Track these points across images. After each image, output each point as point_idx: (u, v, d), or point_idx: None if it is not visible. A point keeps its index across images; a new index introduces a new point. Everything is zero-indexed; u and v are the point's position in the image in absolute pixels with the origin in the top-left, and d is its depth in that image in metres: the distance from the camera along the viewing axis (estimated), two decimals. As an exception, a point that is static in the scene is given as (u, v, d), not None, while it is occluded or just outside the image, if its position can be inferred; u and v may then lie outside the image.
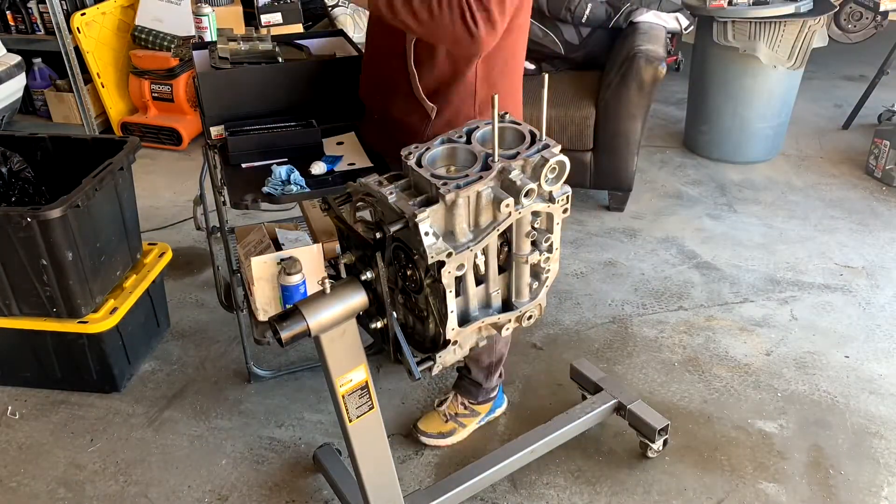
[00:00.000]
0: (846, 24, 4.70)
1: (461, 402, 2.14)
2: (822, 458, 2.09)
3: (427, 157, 1.27)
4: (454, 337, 1.30)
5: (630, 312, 2.68)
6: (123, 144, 2.30)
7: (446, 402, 2.16)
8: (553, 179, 1.27)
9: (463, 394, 2.14)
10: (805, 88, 3.87)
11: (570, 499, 1.98)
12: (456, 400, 2.15)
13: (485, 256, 1.30)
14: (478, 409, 2.15)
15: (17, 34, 3.91)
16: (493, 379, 2.11)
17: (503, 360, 2.10)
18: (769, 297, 2.76)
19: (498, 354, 2.06)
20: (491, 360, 2.06)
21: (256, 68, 1.90)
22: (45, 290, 2.11)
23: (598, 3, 3.33)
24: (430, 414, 2.17)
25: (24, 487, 2.04)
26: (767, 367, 2.41)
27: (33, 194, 2.38)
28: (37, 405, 2.31)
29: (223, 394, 2.35)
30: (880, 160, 3.53)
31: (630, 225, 3.23)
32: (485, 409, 2.17)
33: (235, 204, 1.70)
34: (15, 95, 3.53)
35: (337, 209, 1.37)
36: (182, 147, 3.97)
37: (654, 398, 2.29)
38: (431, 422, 2.15)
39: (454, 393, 2.16)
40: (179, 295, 2.80)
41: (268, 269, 1.85)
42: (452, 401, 2.15)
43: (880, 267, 2.92)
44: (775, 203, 3.41)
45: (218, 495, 2.01)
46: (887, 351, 2.48)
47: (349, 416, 1.49)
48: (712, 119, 3.72)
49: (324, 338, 1.37)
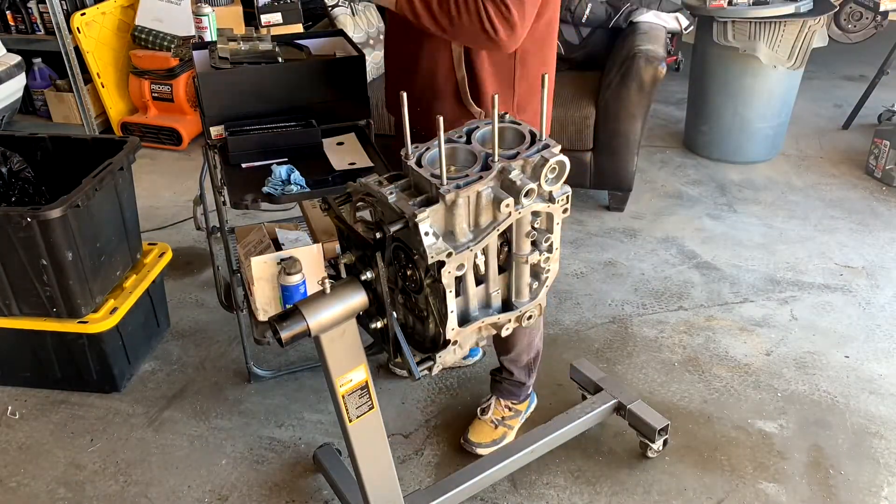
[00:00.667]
0: (846, 24, 4.70)
1: (505, 406, 2.14)
2: (822, 458, 2.09)
3: (427, 157, 1.27)
4: (454, 337, 1.30)
5: (630, 312, 2.68)
6: (123, 144, 2.30)
7: (489, 408, 2.14)
8: (553, 179, 1.27)
9: (506, 397, 2.14)
10: (805, 88, 3.87)
11: (570, 499, 1.98)
12: (500, 404, 2.14)
13: (485, 256, 1.30)
14: (520, 407, 2.17)
15: (17, 34, 3.91)
16: (534, 375, 2.14)
17: (540, 354, 2.11)
18: (769, 297, 2.76)
19: (535, 350, 2.08)
20: (530, 358, 2.08)
21: (256, 68, 1.90)
22: (45, 290, 2.11)
23: (598, 3, 3.33)
24: (477, 424, 2.14)
25: (24, 487, 2.04)
26: (767, 367, 2.41)
27: (33, 194, 2.38)
28: (37, 405, 2.31)
29: (223, 394, 2.35)
30: (880, 160, 3.53)
31: (630, 225, 3.23)
32: (525, 405, 2.18)
33: (235, 204, 1.70)
34: (15, 95, 3.53)
35: (337, 209, 1.37)
36: (182, 147, 3.97)
37: (654, 398, 2.29)
38: (481, 431, 2.12)
39: (495, 398, 2.15)
40: (179, 295, 2.80)
41: (268, 269, 1.85)
42: (496, 406, 2.14)
43: (880, 267, 2.92)
44: (775, 203, 3.41)
45: (218, 495, 2.01)
46: (887, 351, 2.48)
47: (349, 416, 1.49)
48: (712, 119, 3.72)
49: (324, 338, 1.37)
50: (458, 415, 2.25)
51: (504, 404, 2.14)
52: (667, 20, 3.39)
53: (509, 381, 2.11)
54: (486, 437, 2.11)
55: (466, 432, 2.13)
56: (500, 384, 2.13)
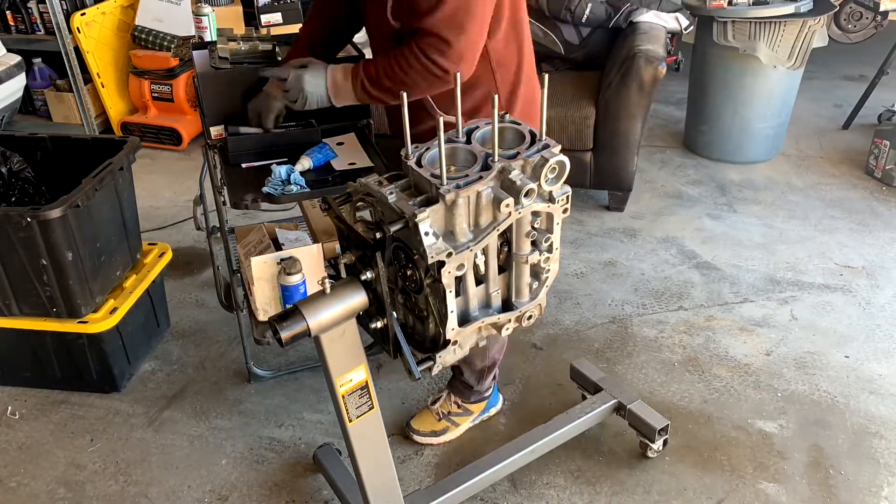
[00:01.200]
0: (846, 24, 4.69)
1: (454, 401, 2.15)
2: (822, 458, 2.09)
3: (427, 157, 1.27)
4: (454, 337, 1.30)
5: (630, 312, 2.68)
6: (123, 144, 2.30)
7: (439, 400, 2.17)
8: (553, 179, 1.27)
9: (456, 393, 2.15)
10: (805, 88, 3.87)
11: (570, 499, 1.98)
12: (449, 399, 2.16)
13: (485, 256, 1.30)
14: (471, 408, 2.16)
15: (17, 34, 3.90)
16: (486, 382, 2.11)
17: (497, 364, 2.10)
18: (769, 297, 2.76)
19: (491, 360, 2.06)
20: (484, 366, 2.06)
21: (256, 68, 1.90)
22: (45, 290, 2.11)
23: (598, 3, 3.33)
24: (424, 412, 2.17)
25: (24, 487, 2.04)
26: (767, 367, 2.41)
27: (33, 194, 2.38)
28: (37, 405, 2.31)
29: (223, 394, 2.35)
30: (880, 160, 3.53)
31: (630, 225, 3.23)
32: (478, 408, 2.17)
33: (235, 204, 1.71)
34: (15, 95, 3.53)
35: (337, 209, 1.37)
36: (182, 147, 3.97)
37: (654, 398, 2.29)
38: (424, 420, 2.15)
39: (447, 391, 2.17)
40: (179, 295, 2.80)
41: (268, 269, 1.85)
42: (446, 399, 2.16)
43: (880, 267, 2.92)
44: (775, 203, 3.41)
45: (218, 495, 2.01)
46: (887, 351, 2.48)
47: (349, 416, 1.49)
48: (712, 119, 3.72)
49: (324, 338, 1.37)
50: (458, 415, 2.25)
51: (453, 400, 2.15)
52: (667, 20, 3.39)
53: (460, 379, 2.12)
54: (426, 426, 2.14)
55: (411, 417, 2.17)
56: (454, 380, 2.15)
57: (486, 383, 2.12)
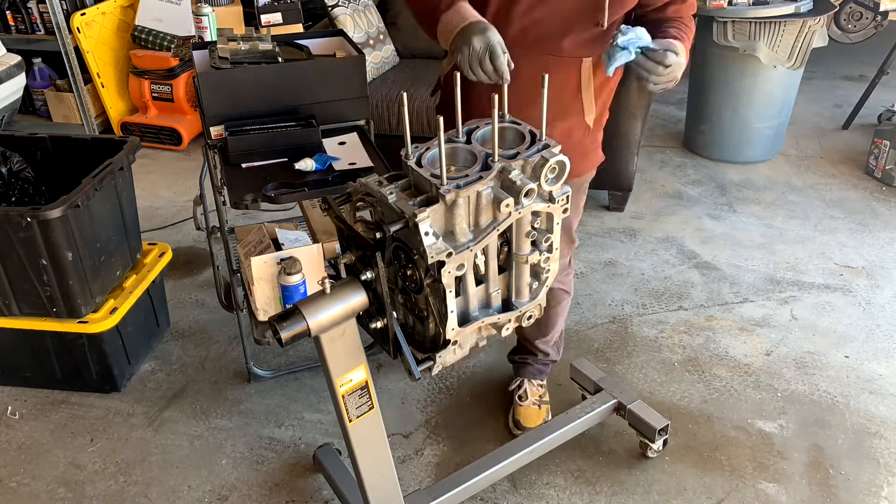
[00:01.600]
0: (846, 24, 4.70)
1: (538, 385, 2.21)
2: (822, 458, 2.09)
3: (427, 157, 1.27)
4: (454, 337, 1.30)
5: (630, 312, 2.68)
6: (123, 144, 2.30)
7: (526, 393, 2.20)
8: (553, 179, 1.27)
9: (538, 376, 2.21)
10: (805, 88, 3.87)
11: (570, 499, 1.98)
12: (532, 385, 2.20)
13: (485, 256, 1.30)
14: (545, 382, 2.26)
15: (17, 34, 3.91)
16: (561, 348, 2.23)
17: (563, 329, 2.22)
18: (769, 297, 2.76)
19: (561, 328, 2.18)
20: (558, 336, 2.16)
21: (256, 68, 1.90)
22: (44, 290, 2.11)
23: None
24: (523, 410, 2.18)
25: (24, 487, 2.04)
26: (767, 367, 2.41)
27: (33, 194, 2.38)
28: (37, 405, 2.31)
29: (223, 394, 2.35)
30: (880, 160, 3.53)
31: (630, 225, 3.23)
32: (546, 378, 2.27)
33: (235, 204, 1.70)
34: (15, 95, 3.53)
35: (337, 209, 1.37)
36: (182, 147, 3.97)
37: (654, 398, 2.29)
38: (530, 415, 2.17)
39: (527, 380, 2.21)
40: (179, 295, 2.80)
41: (268, 269, 1.85)
42: (530, 388, 2.20)
43: (880, 267, 2.92)
44: (775, 203, 3.41)
45: (218, 495, 2.01)
46: (887, 351, 2.48)
47: (349, 416, 1.49)
48: (712, 119, 3.72)
49: (324, 338, 1.37)
50: (457, 414, 2.25)
51: (536, 384, 2.21)
52: (667, 20, 3.39)
53: (543, 361, 2.18)
54: (537, 419, 2.16)
55: (515, 421, 2.17)
56: (531, 366, 2.20)
57: (561, 348, 2.21)
